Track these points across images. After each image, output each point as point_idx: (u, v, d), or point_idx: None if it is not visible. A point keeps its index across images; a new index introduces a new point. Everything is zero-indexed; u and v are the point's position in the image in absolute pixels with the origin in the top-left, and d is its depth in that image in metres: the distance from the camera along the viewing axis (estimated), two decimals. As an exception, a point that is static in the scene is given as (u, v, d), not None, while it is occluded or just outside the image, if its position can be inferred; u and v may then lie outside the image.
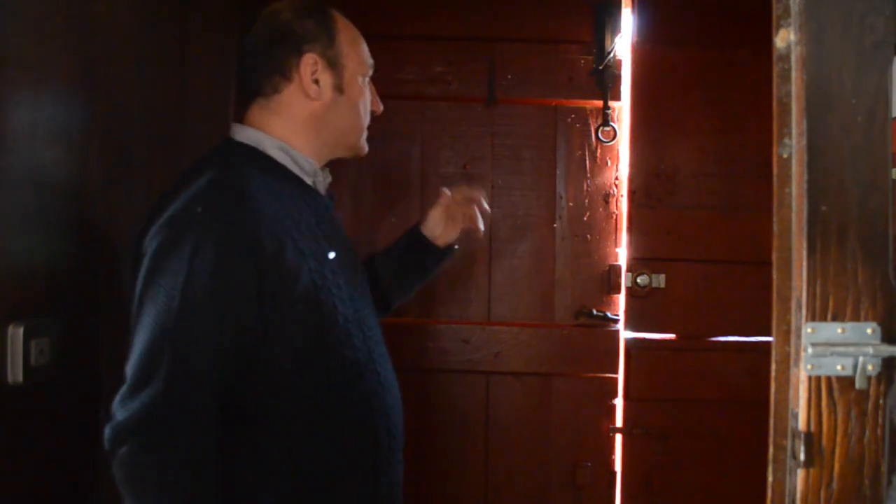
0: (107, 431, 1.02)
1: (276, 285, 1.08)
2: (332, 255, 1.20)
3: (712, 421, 2.13)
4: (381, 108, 1.32)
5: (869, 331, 0.77)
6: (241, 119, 1.25)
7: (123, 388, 1.03)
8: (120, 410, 1.01)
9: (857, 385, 0.77)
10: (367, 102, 1.28)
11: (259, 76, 1.22)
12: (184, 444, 1.02)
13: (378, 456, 1.19)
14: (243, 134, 1.22)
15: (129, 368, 1.03)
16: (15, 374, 1.12)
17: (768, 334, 0.84)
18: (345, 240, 1.30)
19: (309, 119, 1.22)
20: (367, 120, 1.29)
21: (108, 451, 1.02)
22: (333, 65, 1.22)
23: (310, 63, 1.20)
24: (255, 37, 1.23)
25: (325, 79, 1.21)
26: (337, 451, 1.15)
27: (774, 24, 0.83)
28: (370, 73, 1.28)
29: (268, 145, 1.21)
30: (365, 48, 1.28)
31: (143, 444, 1.00)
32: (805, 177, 0.78)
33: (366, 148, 1.31)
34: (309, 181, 1.24)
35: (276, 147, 1.21)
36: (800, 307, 0.78)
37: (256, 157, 1.19)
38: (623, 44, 2.16)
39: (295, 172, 1.22)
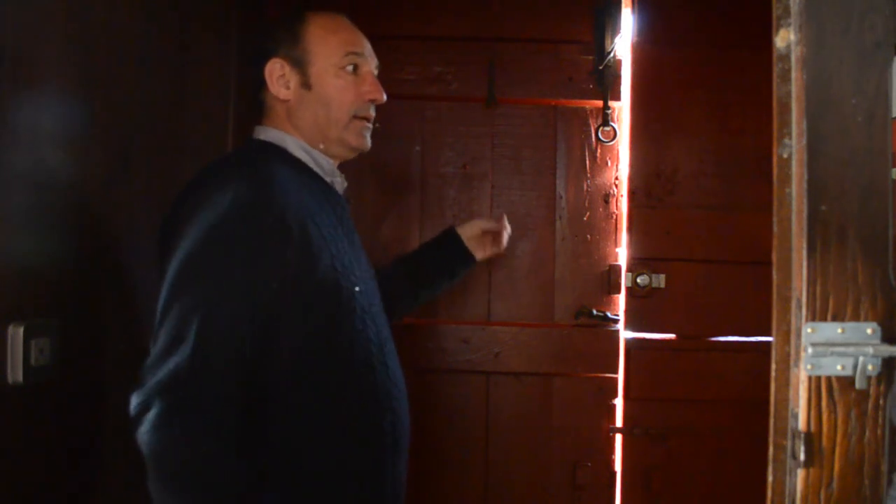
0: (133, 398, 1.03)
1: (301, 263, 1.10)
2: (349, 249, 1.23)
3: (712, 421, 2.12)
4: (383, 95, 1.28)
5: (869, 331, 0.77)
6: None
7: (151, 357, 1.05)
8: (147, 376, 1.03)
9: (857, 385, 0.77)
10: (348, 92, 1.25)
11: (253, 93, 1.29)
12: (209, 408, 1.03)
13: (383, 452, 1.20)
14: (267, 134, 1.27)
15: (160, 335, 1.05)
16: (15, 374, 1.12)
17: (768, 334, 0.84)
18: (359, 241, 1.32)
19: (289, 119, 1.26)
20: (349, 109, 1.25)
21: (133, 417, 1.03)
22: (298, 63, 1.24)
23: (275, 68, 1.24)
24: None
25: (293, 78, 1.25)
26: (343, 445, 1.15)
27: (774, 24, 0.83)
28: (354, 61, 1.25)
29: (290, 144, 1.25)
30: (344, 38, 1.26)
31: (169, 406, 1.01)
32: (805, 177, 0.78)
33: (358, 141, 1.28)
34: (328, 180, 1.27)
35: (298, 146, 1.25)
36: (800, 307, 0.78)
37: (281, 154, 1.23)
38: (623, 44, 2.16)
39: (316, 171, 1.26)
